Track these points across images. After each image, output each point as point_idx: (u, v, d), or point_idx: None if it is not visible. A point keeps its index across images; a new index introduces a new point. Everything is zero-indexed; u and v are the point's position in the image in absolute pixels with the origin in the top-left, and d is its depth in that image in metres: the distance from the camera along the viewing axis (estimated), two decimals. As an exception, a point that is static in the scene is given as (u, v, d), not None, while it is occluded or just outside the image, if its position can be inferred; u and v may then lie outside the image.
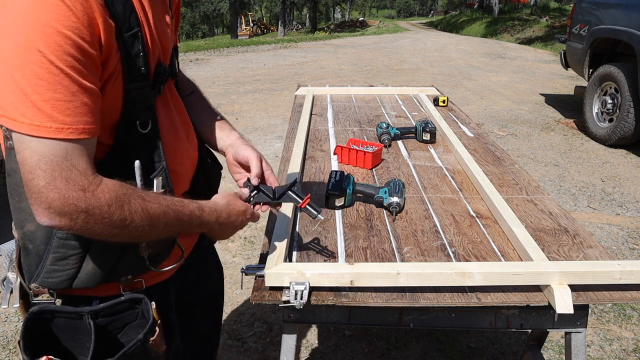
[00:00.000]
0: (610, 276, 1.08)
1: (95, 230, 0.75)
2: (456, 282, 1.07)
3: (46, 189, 0.70)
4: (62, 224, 0.73)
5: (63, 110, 0.70)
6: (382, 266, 1.10)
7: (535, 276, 1.08)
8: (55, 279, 0.86)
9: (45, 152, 0.70)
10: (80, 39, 0.70)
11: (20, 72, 0.68)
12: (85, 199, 0.72)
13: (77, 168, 0.73)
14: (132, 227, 0.79)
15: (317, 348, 2.21)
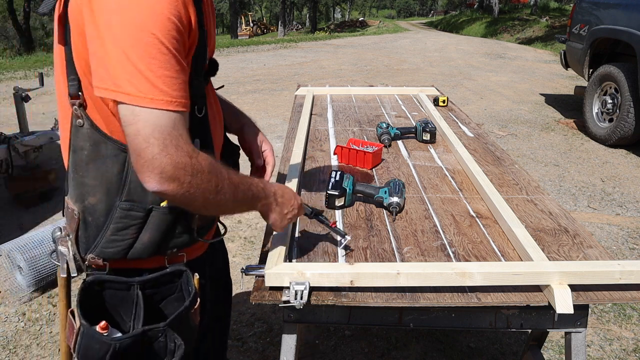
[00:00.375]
0: (610, 276, 1.08)
1: (195, 195, 0.83)
2: (456, 282, 1.07)
3: (160, 155, 0.78)
4: (171, 188, 0.80)
5: (171, 86, 0.79)
6: (382, 266, 1.10)
7: (535, 276, 1.08)
8: (113, 249, 0.93)
9: (158, 123, 0.78)
10: (181, 26, 0.80)
11: (135, 52, 0.76)
12: (192, 164, 0.81)
13: (183, 137, 0.81)
14: (221, 195, 0.88)
15: (317, 348, 2.20)
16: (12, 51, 24.42)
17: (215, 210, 0.94)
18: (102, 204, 0.91)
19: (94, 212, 0.92)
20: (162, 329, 0.92)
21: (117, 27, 0.76)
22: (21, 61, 10.88)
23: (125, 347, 0.90)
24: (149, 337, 0.93)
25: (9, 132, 3.69)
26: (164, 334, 0.93)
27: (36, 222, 3.39)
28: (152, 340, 0.93)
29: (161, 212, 0.92)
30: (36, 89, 3.83)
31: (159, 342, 0.94)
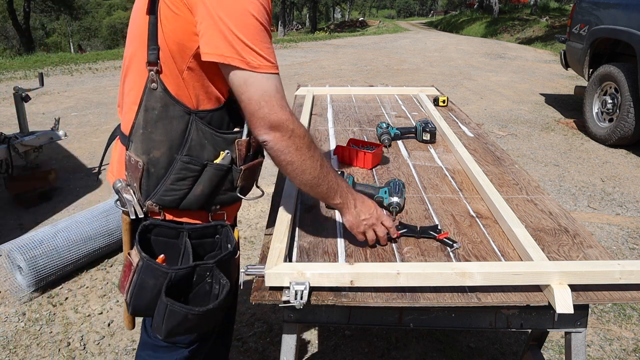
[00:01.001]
0: (610, 276, 1.08)
1: (292, 147, 1.01)
2: (456, 282, 1.07)
3: (269, 114, 0.98)
4: (276, 139, 1.00)
5: (271, 55, 0.99)
6: (382, 266, 1.10)
7: (535, 276, 1.08)
8: (170, 197, 1.09)
9: (265, 88, 0.97)
10: (268, 8, 0.99)
11: (244, 31, 0.95)
12: (293, 121, 1.01)
13: (284, 99, 1.01)
14: (310, 161, 1.04)
15: (317, 348, 2.20)
16: (12, 51, 24.43)
17: (303, 175, 1.05)
18: (164, 158, 1.07)
19: (157, 164, 1.08)
20: (211, 266, 1.07)
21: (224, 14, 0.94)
22: (21, 61, 10.88)
23: (180, 278, 1.05)
24: (199, 274, 1.07)
25: (9, 132, 3.69)
26: (211, 274, 1.07)
27: (36, 222, 3.39)
28: (200, 279, 1.07)
29: (214, 168, 1.09)
30: (36, 89, 3.83)
31: (205, 284, 1.08)
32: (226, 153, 1.10)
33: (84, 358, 2.16)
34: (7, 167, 3.53)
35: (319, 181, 1.07)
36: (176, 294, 1.04)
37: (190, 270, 1.07)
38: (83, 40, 40.98)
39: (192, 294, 1.09)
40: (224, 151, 1.10)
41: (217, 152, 1.10)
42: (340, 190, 1.12)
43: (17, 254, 2.52)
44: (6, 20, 26.07)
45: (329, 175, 1.08)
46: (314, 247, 1.25)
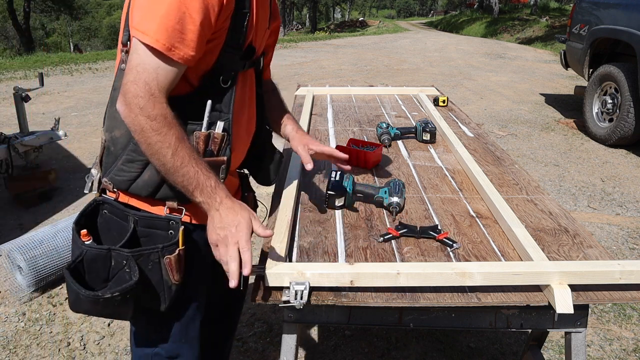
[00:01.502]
0: (610, 276, 1.08)
1: (136, 128, 0.96)
2: (456, 282, 1.07)
3: (130, 83, 0.95)
4: (123, 111, 0.96)
5: (176, 38, 0.94)
6: (382, 266, 1.10)
7: (535, 276, 1.08)
8: (119, 177, 1.07)
9: (146, 60, 0.95)
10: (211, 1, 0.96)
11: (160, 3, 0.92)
12: (147, 101, 0.95)
13: (157, 81, 0.96)
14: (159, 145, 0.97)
15: (317, 348, 2.20)
16: (12, 51, 24.42)
17: (153, 159, 0.99)
18: (123, 138, 1.05)
19: (117, 143, 1.06)
20: (126, 256, 1.02)
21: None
22: (21, 61, 10.88)
23: (93, 258, 1.02)
24: (116, 260, 1.03)
25: (9, 132, 3.69)
26: (128, 264, 1.02)
27: (36, 222, 3.39)
28: (118, 266, 1.03)
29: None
30: (36, 89, 3.82)
31: (124, 272, 1.03)
32: None
33: (84, 358, 2.16)
34: (7, 167, 3.52)
35: (171, 170, 0.98)
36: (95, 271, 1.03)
37: (104, 253, 1.02)
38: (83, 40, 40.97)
39: (114, 279, 1.04)
40: None
41: None
42: (202, 187, 1.00)
43: (17, 254, 2.52)
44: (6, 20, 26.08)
45: (184, 167, 0.98)
46: (314, 247, 1.25)
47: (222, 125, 1.08)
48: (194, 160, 0.99)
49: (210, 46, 1.03)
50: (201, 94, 1.07)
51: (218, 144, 1.08)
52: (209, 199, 1.00)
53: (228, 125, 1.10)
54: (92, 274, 1.03)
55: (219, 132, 1.07)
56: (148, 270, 1.04)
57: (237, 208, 1.01)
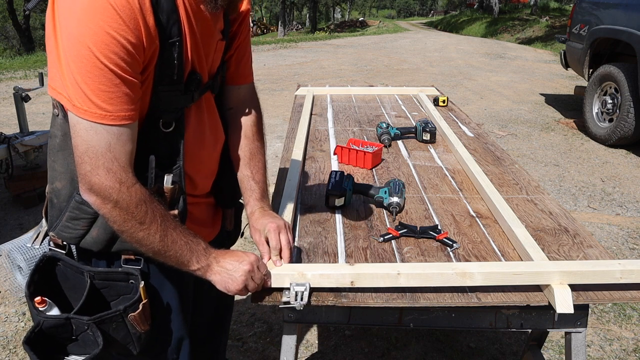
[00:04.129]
0: (611, 275, 1.08)
1: (115, 219, 0.87)
2: (456, 282, 1.07)
3: (90, 174, 0.84)
4: (95, 203, 0.87)
5: (106, 100, 0.82)
6: (382, 267, 1.10)
7: (536, 276, 1.08)
8: (67, 234, 0.97)
9: (91, 142, 0.83)
10: (124, 40, 0.80)
11: (75, 65, 0.80)
12: (119, 191, 0.85)
13: (118, 161, 0.85)
14: (145, 233, 0.89)
15: (317, 348, 2.20)
16: (12, 51, 24.42)
17: (135, 244, 0.91)
18: (65, 190, 0.97)
19: (59, 195, 0.98)
20: (87, 323, 0.94)
21: (64, 39, 0.80)
22: (21, 61, 10.88)
23: (51, 327, 0.94)
24: (77, 326, 0.95)
25: (9, 132, 3.69)
26: (90, 329, 0.95)
27: (36, 222, 3.38)
28: (80, 330, 0.96)
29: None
30: (36, 88, 3.82)
31: (87, 334, 0.96)
32: None
33: (84, 358, 2.16)
34: (7, 167, 3.52)
35: (162, 252, 0.92)
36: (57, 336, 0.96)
37: (62, 322, 0.94)
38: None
39: (79, 339, 0.97)
40: None
41: None
42: (197, 256, 0.94)
43: (17, 254, 2.52)
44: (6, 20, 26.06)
45: (175, 244, 0.91)
46: (314, 247, 1.25)
47: (170, 178, 0.98)
48: (181, 232, 0.92)
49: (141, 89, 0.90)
50: (140, 144, 0.92)
51: (169, 198, 0.98)
52: (206, 262, 0.96)
53: (179, 174, 0.99)
54: (56, 338, 0.96)
55: (168, 186, 0.97)
56: (112, 329, 0.97)
57: (233, 252, 1.00)
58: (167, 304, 1.10)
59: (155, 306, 1.04)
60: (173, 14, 0.88)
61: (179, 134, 0.98)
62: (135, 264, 1.01)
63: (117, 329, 0.97)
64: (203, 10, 0.94)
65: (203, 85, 1.02)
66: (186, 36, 0.92)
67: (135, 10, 0.81)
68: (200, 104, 1.04)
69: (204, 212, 1.19)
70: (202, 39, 0.97)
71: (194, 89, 0.98)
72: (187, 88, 0.96)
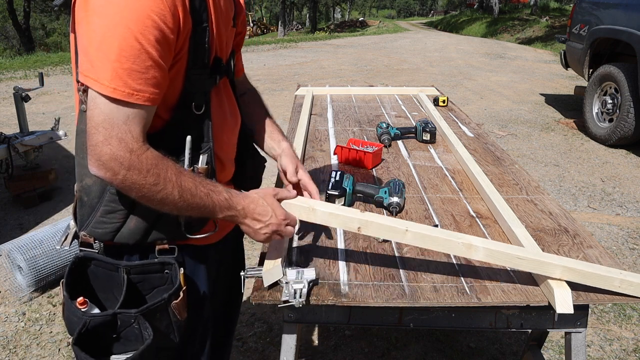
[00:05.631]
0: (610, 282, 1.06)
1: (130, 188, 0.87)
2: (460, 252, 1.07)
3: (102, 144, 0.84)
4: (106, 176, 0.86)
5: (136, 79, 0.83)
6: (391, 220, 1.12)
7: (538, 265, 1.07)
8: (101, 230, 0.98)
9: (110, 114, 0.84)
10: (163, 24, 0.84)
11: (109, 43, 0.81)
12: (130, 160, 0.85)
13: (131, 133, 0.85)
14: (163, 194, 0.89)
15: (317, 348, 2.21)
16: (12, 51, 24.41)
17: (159, 207, 0.93)
18: (96, 186, 0.97)
19: (89, 192, 0.98)
20: (134, 315, 0.95)
21: (102, 19, 0.82)
22: (21, 61, 10.88)
23: (97, 325, 0.95)
24: (123, 320, 0.96)
25: (9, 132, 3.69)
26: (137, 321, 0.96)
27: (36, 222, 3.39)
28: (126, 324, 0.96)
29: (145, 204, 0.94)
30: (36, 89, 3.83)
31: (132, 328, 0.96)
32: None
33: (84, 358, 2.16)
34: (7, 167, 3.53)
35: (184, 208, 0.93)
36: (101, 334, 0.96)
37: (109, 319, 0.96)
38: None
39: (122, 337, 0.99)
40: None
41: None
42: (219, 205, 0.96)
43: (17, 254, 2.52)
44: (6, 20, 26.06)
45: (195, 198, 0.93)
46: (313, 247, 1.25)
47: (205, 158, 1.01)
48: (200, 185, 0.93)
49: (172, 73, 0.93)
50: (175, 127, 0.98)
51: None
52: (230, 212, 0.98)
53: (211, 155, 1.02)
54: (99, 338, 0.96)
55: (203, 167, 1.00)
56: (156, 320, 0.99)
57: (260, 201, 1.01)
58: (199, 293, 1.14)
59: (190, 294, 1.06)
60: (203, 1, 0.92)
61: (208, 116, 1.01)
62: (170, 254, 1.03)
63: (160, 319, 0.99)
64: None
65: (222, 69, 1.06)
66: (212, 21, 0.97)
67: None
68: (219, 88, 1.08)
69: None
70: (221, 24, 1.02)
71: (218, 72, 1.02)
72: (213, 72, 1.01)
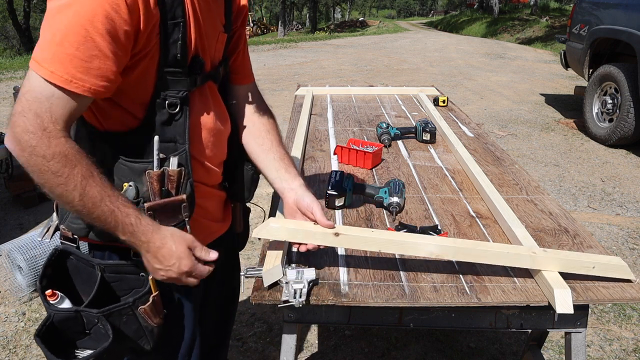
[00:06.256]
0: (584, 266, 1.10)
1: (34, 169, 0.84)
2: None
3: (19, 115, 0.81)
4: (15, 150, 0.83)
5: (77, 67, 0.81)
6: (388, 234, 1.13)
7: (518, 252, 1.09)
8: (76, 225, 0.99)
9: (38, 90, 0.81)
10: (116, 14, 0.81)
11: (56, 27, 0.80)
12: (40, 138, 0.81)
13: (52, 113, 0.82)
14: (62, 189, 0.85)
15: (317, 348, 2.20)
16: (12, 51, 24.41)
17: (60, 203, 0.90)
18: None
19: None
20: (96, 315, 0.94)
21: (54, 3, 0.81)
22: (21, 61, 10.88)
23: (62, 320, 0.95)
24: (88, 319, 0.95)
25: (9, 132, 3.69)
26: (99, 322, 0.95)
27: (36, 222, 3.39)
28: (91, 323, 0.95)
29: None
30: (36, 89, 3.82)
31: (98, 328, 0.96)
32: (128, 186, 0.95)
33: (84, 358, 2.16)
34: (7, 167, 3.53)
35: (82, 212, 0.88)
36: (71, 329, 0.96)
37: (72, 315, 0.95)
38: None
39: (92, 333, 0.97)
40: (127, 183, 0.95)
41: (122, 183, 0.96)
42: (122, 227, 0.89)
43: (17, 254, 2.52)
44: (6, 20, 26.05)
45: (97, 208, 0.87)
46: (314, 247, 1.25)
47: (176, 160, 0.96)
48: (108, 198, 0.87)
49: (142, 69, 0.90)
50: (149, 126, 0.94)
51: (175, 181, 0.96)
52: (134, 239, 0.91)
53: (185, 157, 0.97)
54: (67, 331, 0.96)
55: (173, 169, 0.96)
56: (123, 323, 0.96)
57: (169, 244, 0.93)
58: (179, 300, 1.11)
59: (167, 301, 1.04)
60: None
61: (185, 117, 0.97)
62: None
63: (128, 323, 0.97)
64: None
65: (206, 73, 1.03)
66: (190, 19, 0.94)
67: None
68: (204, 90, 1.05)
69: (216, 206, 1.19)
70: (205, 26, 0.99)
71: (197, 72, 0.98)
72: (191, 71, 0.97)
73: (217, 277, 1.24)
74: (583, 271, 1.10)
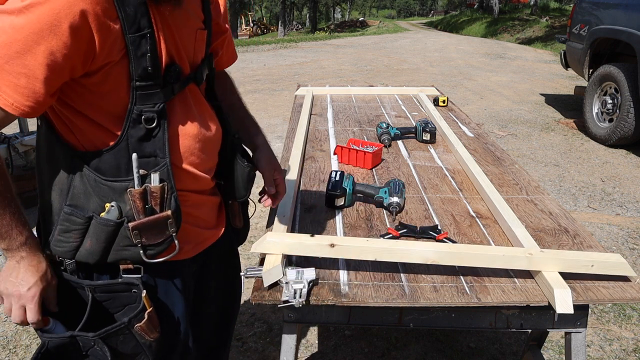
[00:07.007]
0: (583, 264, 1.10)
1: None
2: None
3: None
4: None
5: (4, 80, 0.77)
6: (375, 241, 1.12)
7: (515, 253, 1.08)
8: (60, 249, 0.95)
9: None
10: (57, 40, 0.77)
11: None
12: None
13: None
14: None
15: (317, 348, 2.20)
16: None
17: None
18: (55, 203, 0.95)
19: (49, 209, 0.96)
20: (92, 339, 0.93)
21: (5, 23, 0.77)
22: None
23: (58, 346, 0.93)
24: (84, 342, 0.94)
25: (9, 132, 3.69)
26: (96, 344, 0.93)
27: (36, 222, 3.38)
28: (88, 346, 0.94)
29: (100, 223, 0.92)
30: (36, 89, 3.82)
31: (95, 350, 0.94)
32: (110, 206, 0.92)
33: (84, 358, 2.16)
34: (7, 167, 3.52)
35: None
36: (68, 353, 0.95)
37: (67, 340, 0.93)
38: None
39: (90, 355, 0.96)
40: (109, 203, 0.92)
41: (104, 203, 0.92)
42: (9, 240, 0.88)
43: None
44: None
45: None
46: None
47: (157, 176, 0.93)
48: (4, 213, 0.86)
49: (111, 83, 0.87)
50: (126, 143, 0.91)
51: (158, 197, 0.93)
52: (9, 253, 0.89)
53: (167, 172, 0.94)
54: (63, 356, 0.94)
55: (155, 185, 0.92)
56: (120, 342, 0.95)
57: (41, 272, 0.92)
58: (174, 310, 1.09)
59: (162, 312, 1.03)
60: (141, 6, 0.84)
61: (163, 131, 0.93)
62: (136, 273, 0.99)
63: (125, 341, 0.96)
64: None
65: (184, 77, 0.98)
66: (157, 28, 0.88)
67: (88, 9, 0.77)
68: (184, 96, 1.00)
69: (208, 212, 1.15)
70: (179, 30, 0.94)
71: (173, 81, 0.94)
72: (166, 81, 0.92)
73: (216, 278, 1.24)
74: (582, 270, 1.10)
